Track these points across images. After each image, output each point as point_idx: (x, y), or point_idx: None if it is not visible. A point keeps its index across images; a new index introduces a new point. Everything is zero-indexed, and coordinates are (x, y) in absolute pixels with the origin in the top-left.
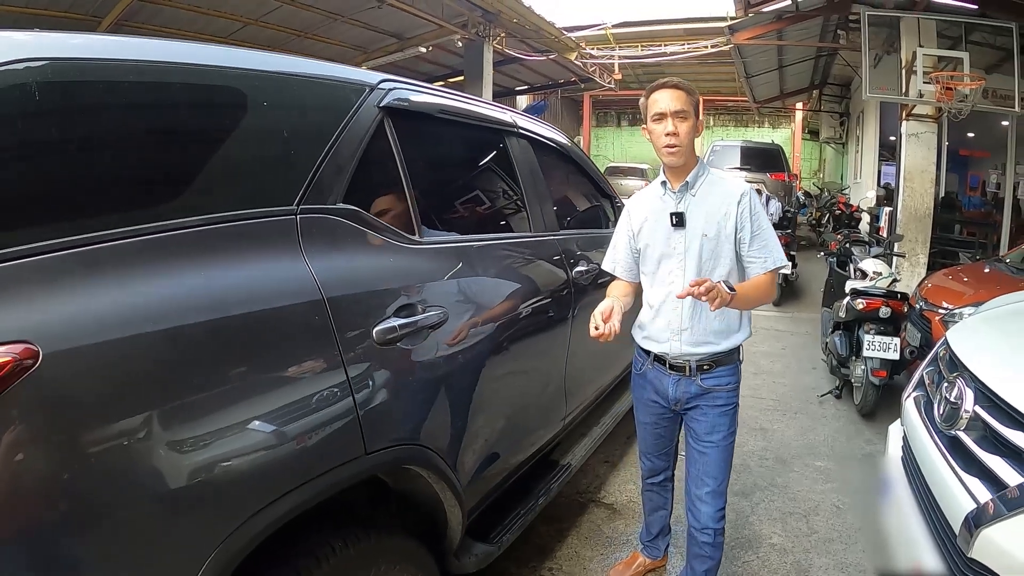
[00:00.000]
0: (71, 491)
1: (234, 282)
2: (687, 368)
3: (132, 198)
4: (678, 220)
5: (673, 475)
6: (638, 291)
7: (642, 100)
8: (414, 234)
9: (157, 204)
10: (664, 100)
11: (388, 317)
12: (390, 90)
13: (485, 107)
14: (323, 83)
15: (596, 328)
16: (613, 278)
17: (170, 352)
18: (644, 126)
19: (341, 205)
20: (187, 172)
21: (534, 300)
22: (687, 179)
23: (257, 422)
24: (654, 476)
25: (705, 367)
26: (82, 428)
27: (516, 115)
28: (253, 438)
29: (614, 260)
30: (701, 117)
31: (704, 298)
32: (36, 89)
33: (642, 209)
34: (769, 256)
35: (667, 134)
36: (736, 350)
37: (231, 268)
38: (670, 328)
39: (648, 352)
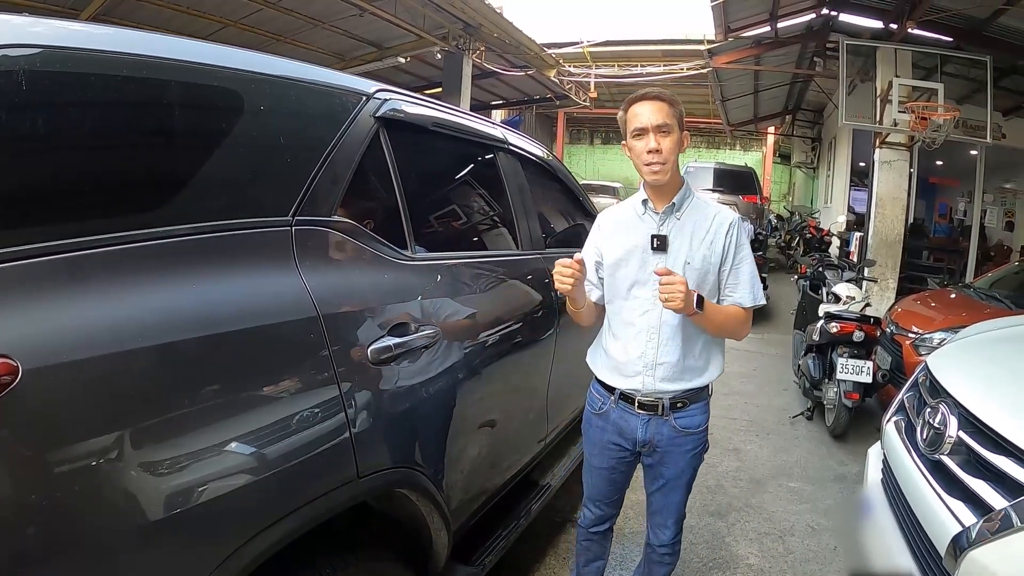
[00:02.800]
0: (44, 518)
1: (227, 296)
2: (659, 407)
3: (120, 202)
4: (660, 243)
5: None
6: (599, 314)
7: (620, 114)
8: (407, 249)
9: (147, 209)
10: (645, 114)
11: (383, 336)
12: (386, 100)
13: (477, 121)
14: (321, 90)
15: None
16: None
17: (158, 370)
18: (624, 142)
19: (336, 217)
20: (180, 176)
21: (521, 318)
22: (674, 200)
23: (249, 446)
24: (599, 525)
25: (679, 405)
26: (63, 450)
27: (507, 131)
28: (245, 463)
29: None
30: (685, 130)
31: (663, 289)
32: (24, 79)
33: (615, 227)
34: (748, 292)
35: (649, 151)
36: (708, 385)
37: (224, 281)
38: (643, 361)
39: (612, 389)
